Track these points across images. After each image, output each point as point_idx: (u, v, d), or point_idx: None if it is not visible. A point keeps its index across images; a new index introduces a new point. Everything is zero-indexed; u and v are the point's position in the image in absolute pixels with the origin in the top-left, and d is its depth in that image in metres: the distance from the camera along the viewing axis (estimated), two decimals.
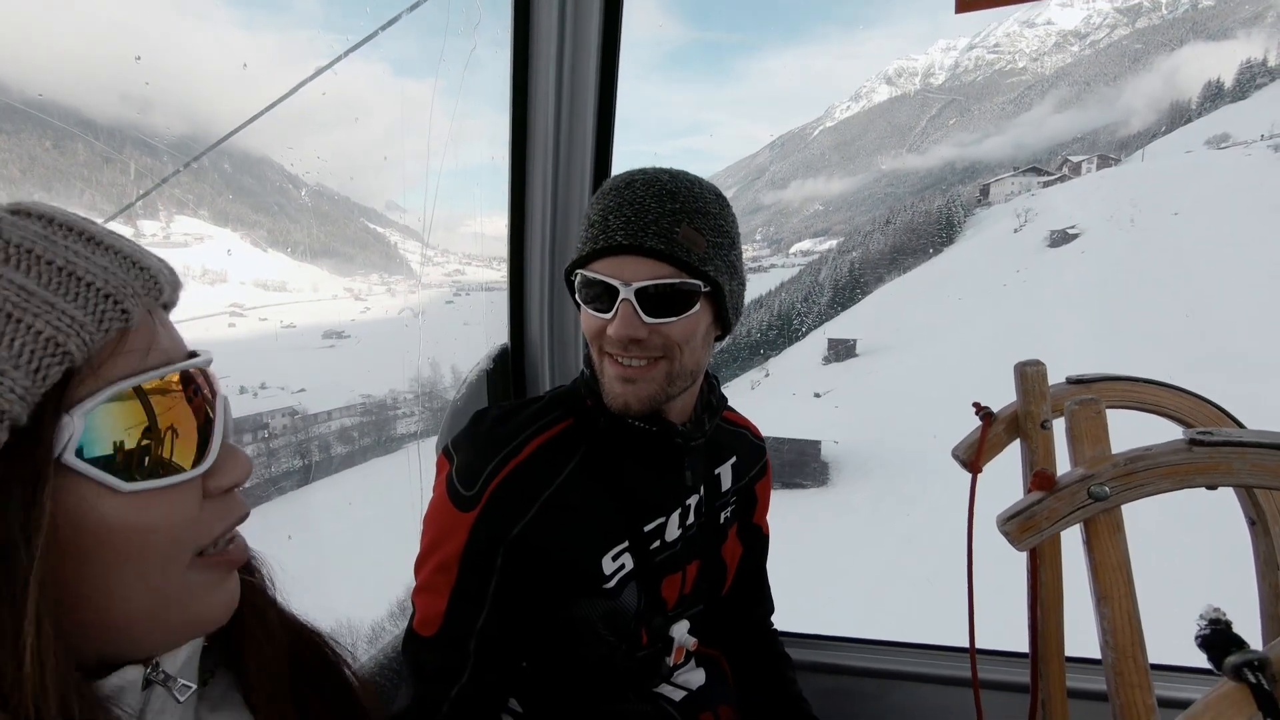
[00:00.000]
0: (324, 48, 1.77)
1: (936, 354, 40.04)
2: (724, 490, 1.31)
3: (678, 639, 1.24)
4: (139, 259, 0.50)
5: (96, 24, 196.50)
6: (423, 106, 1.64)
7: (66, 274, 0.45)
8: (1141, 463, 0.91)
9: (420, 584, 1.10)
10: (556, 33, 1.62)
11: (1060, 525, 0.94)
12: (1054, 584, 1.21)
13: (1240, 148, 78.68)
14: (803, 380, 43.46)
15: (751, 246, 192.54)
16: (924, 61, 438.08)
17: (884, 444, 29.57)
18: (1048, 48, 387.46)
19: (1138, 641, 0.93)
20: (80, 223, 0.48)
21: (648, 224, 1.00)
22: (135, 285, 0.48)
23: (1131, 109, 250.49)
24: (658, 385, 1.06)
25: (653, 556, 1.17)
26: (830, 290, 76.00)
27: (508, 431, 1.12)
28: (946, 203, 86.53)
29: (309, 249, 73.85)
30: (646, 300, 1.01)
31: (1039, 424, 1.25)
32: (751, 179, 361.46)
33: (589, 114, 1.69)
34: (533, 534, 1.05)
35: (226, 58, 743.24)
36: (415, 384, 24.23)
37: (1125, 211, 61.52)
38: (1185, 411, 1.26)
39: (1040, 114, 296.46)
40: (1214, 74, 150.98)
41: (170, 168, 1.71)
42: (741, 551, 1.39)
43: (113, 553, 0.47)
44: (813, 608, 14.29)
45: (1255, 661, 0.75)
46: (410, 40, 3.39)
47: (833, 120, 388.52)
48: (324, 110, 78.15)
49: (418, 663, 1.09)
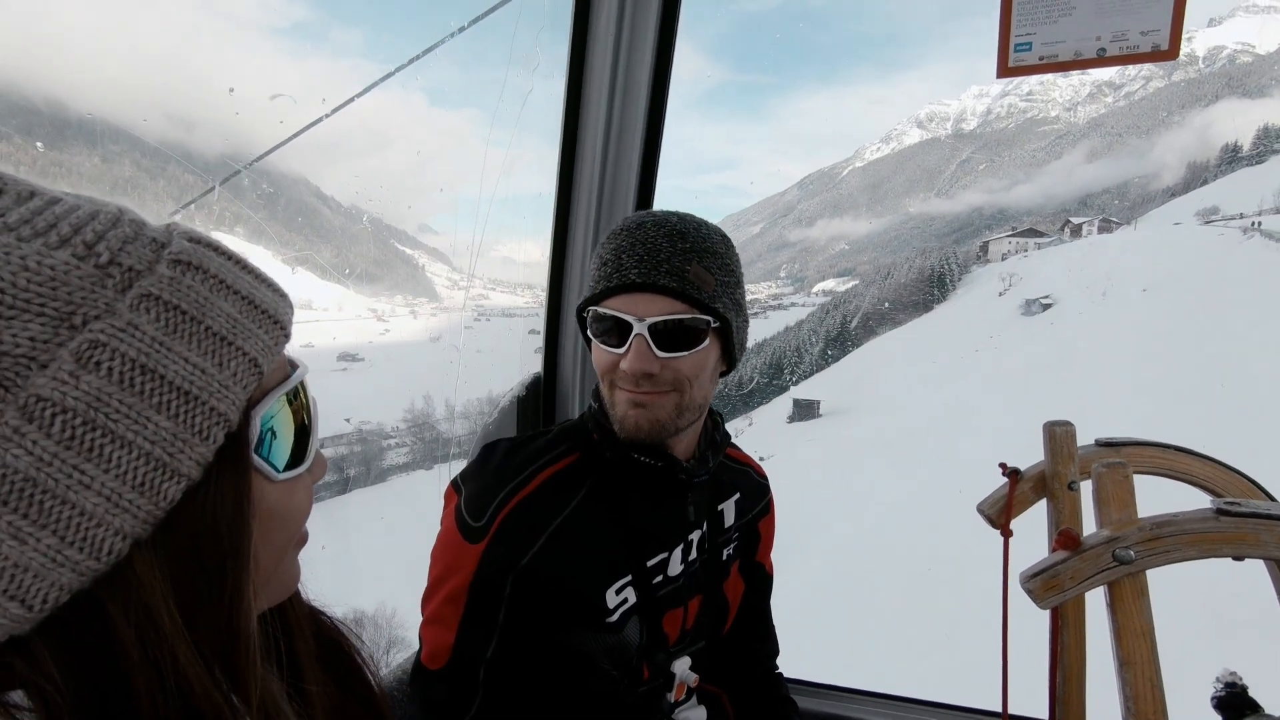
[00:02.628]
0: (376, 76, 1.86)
1: (894, 421, 39.93)
2: (726, 526, 1.32)
3: (679, 675, 1.24)
4: (277, 285, 0.57)
5: (147, 51, 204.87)
6: (477, 136, 1.71)
7: (250, 303, 0.52)
8: (1168, 528, 0.92)
9: (428, 617, 1.11)
10: (609, 75, 1.69)
11: (1084, 586, 0.95)
12: (1077, 649, 1.21)
13: (1221, 224, 78.32)
14: (769, 438, 43.35)
15: (775, 283, 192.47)
16: (956, 107, 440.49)
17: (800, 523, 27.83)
18: (1081, 97, 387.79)
19: (1160, 710, 0.93)
20: (230, 250, 0.55)
21: (660, 263, 1.04)
22: (285, 308, 0.56)
23: (1163, 163, 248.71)
24: (668, 413, 1.09)
25: (655, 591, 1.18)
26: (823, 342, 76.23)
27: (516, 464, 1.14)
28: (943, 259, 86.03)
29: (339, 268, 75.22)
30: (659, 336, 1.04)
31: (1066, 485, 1.27)
32: (779, 216, 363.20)
33: (635, 155, 1.75)
34: (541, 564, 1.06)
35: (271, 82, 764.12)
36: (410, 414, 24.08)
37: (1100, 284, 61.40)
38: (1215, 481, 1.26)
39: (1070, 163, 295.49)
40: (1233, 136, 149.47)
41: (212, 185, 1.75)
42: (744, 589, 1.40)
43: (266, 531, 0.55)
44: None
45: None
46: (471, 72, 3.50)
47: (862, 161, 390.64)
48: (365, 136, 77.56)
49: (426, 697, 1.09)
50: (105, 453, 0.43)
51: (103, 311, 0.44)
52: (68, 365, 0.42)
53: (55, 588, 0.43)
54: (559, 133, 1.76)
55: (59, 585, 0.43)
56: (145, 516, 0.45)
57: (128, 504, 0.44)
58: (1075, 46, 1.36)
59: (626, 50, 1.69)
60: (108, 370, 0.43)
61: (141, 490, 0.44)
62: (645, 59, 1.69)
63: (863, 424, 40.64)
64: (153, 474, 0.45)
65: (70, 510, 0.42)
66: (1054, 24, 1.36)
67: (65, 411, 0.42)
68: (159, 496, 0.45)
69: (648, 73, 1.69)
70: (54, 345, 0.42)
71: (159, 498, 0.45)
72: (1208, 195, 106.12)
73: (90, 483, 0.43)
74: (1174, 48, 1.30)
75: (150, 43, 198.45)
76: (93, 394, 0.43)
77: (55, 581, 0.42)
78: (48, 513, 0.42)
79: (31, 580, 0.42)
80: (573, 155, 1.77)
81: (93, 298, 0.44)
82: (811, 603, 18.13)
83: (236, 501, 0.50)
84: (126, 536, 0.44)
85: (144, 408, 0.44)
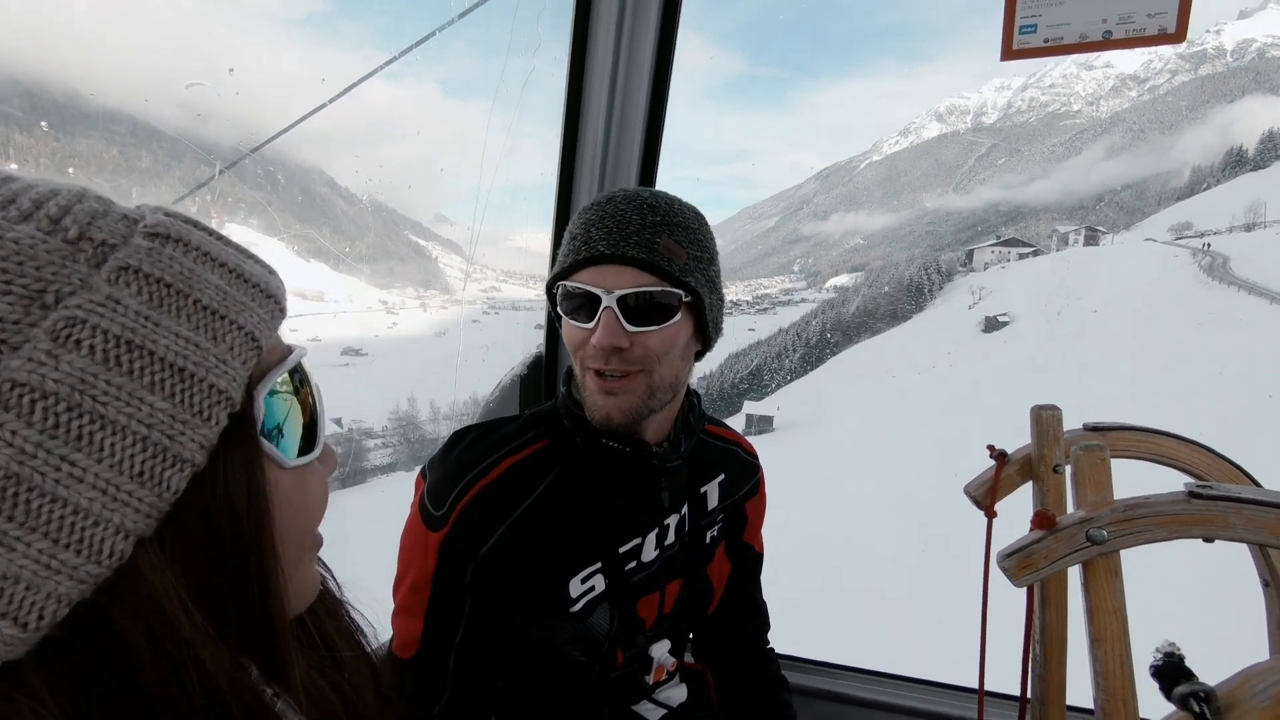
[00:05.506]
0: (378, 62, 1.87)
1: (842, 434, 40.16)
2: (710, 509, 1.31)
3: (657, 658, 1.23)
4: (263, 260, 0.54)
5: (163, 41, 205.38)
6: (479, 122, 1.73)
7: (238, 275, 0.48)
8: (1140, 510, 0.94)
9: (397, 606, 1.11)
10: (612, 56, 1.70)
11: (1058, 565, 0.97)
12: (1058, 628, 1.22)
13: (1183, 243, 77.43)
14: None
15: (788, 278, 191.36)
16: (976, 100, 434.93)
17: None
18: (1104, 91, 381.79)
19: (1129, 687, 0.95)
20: (209, 226, 0.51)
21: (629, 234, 1.02)
22: (276, 283, 0.52)
23: (1184, 160, 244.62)
24: (638, 397, 1.07)
25: (628, 578, 1.17)
26: (801, 349, 76.20)
27: (480, 451, 1.12)
28: (922, 268, 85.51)
29: (349, 259, 75.30)
30: (628, 309, 1.02)
31: (1051, 468, 1.28)
32: (794, 209, 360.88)
33: (637, 136, 1.77)
34: (498, 554, 1.05)
35: (282, 69, 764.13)
36: (395, 416, 23.80)
37: (1057, 302, 61.08)
38: (1200, 466, 1.27)
39: (1090, 159, 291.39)
40: (1237, 141, 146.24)
41: (224, 174, 1.76)
42: (730, 570, 1.38)
43: (282, 525, 0.50)
44: None
45: (1201, 693, 0.79)
46: (474, 59, 3.52)
47: (880, 155, 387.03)
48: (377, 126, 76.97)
49: (399, 686, 1.11)
50: (96, 440, 0.39)
51: (78, 287, 0.40)
52: (44, 345, 0.38)
53: (52, 600, 0.38)
54: (560, 116, 1.78)
55: (56, 596, 0.38)
56: (148, 510, 0.41)
57: (127, 497, 0.40)
58: (1080, 29, 1.34)
59: (629, 30, 1.70)
60: (90, 348, 0.39)
61: (141, 480, 0.40)
62: (648, 38, 1.70)
63: (814, 437, 41.19)
64: (152, 461, 0.40)
65: (61, 508, 0.38)
66: (1059, 5, 1.34)
67: (46, 396, 0.37)
68: (161, 486, 0.41)
69: (650, 53, 1.70)
70: (25, 325, 0.38)
71: (162, 488, 0.41)
72: (1188, 208, 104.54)
73: (82, 475, 0.38)
74: (1181, 30, 1.28)
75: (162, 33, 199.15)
76: (76, 375, 0.38)
77: (51, 592, 0.38)
78: (35, 512, 0.37)
79: (24, 593, 0.37)
80: (575, 137, 1.79)
81: (64, 273, 0.40)
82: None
83: (250, 485, 0.46)
84: (129, 534, 0.40)
85: (135, 387, 0.40)
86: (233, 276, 0.48)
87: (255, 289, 0.49)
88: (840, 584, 20.08)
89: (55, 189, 0.43)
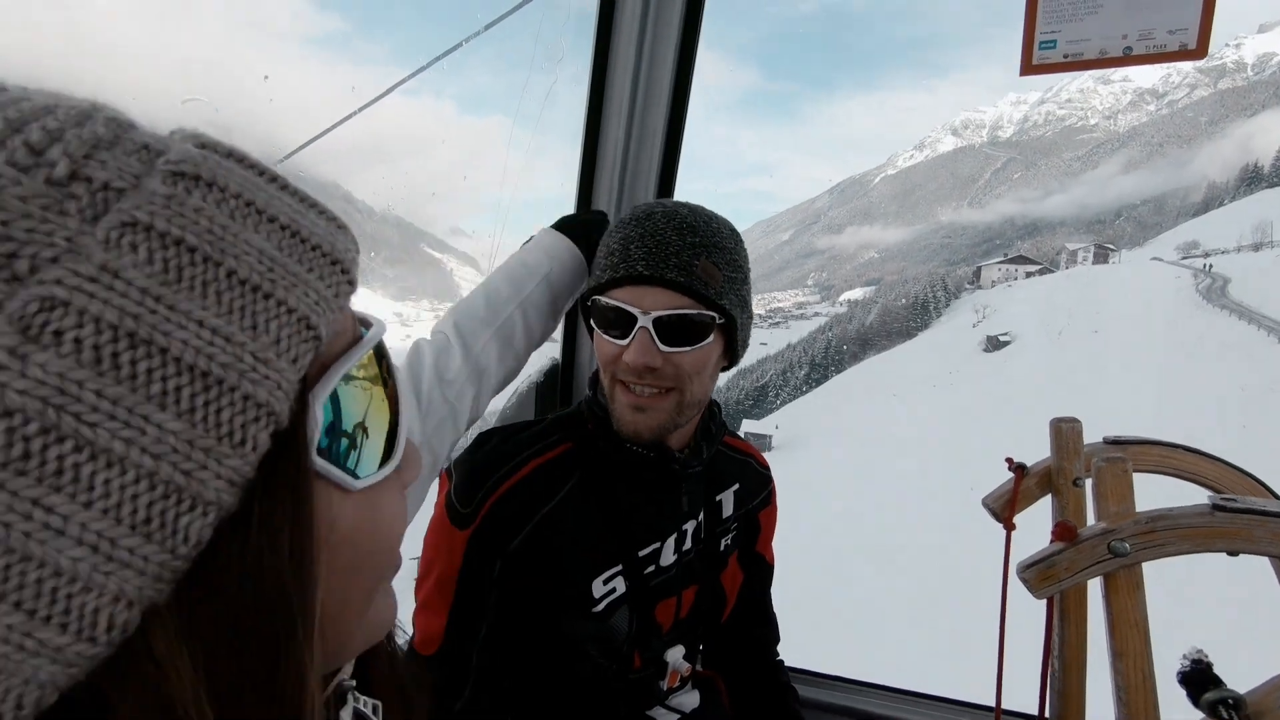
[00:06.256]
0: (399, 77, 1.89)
1: (838, 456, 40.20)
2: (725, 517, 1.32)
3: (672, 663, 1.24)
4: (330, 211, 0.40)
5: (185, 55, 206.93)
6: (499, 136, 1.76)
7: (293, 235, 0.36)
8: (1162, 522, 0.93)
9: (420, 603, 1.12)
10: (632, 72, 1.72)
11: (1080, 577, 0.97)
12: (1077, 644, 1.21)
13: (1190, 261, 76.44)
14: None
15: (802, 291, 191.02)
16: (992, 114, 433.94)
17: None
18: (1122, 105, 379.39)
19: (1151, 701, 0.94)
20: (259, 162, 0.38)
21: (668, 256, 1.03)
22: (346, 242, 0.39)
23: (1203, 175, 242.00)
24: (668, 414, 1.08)
25: (647, 581, 1.18)
26: (807, 367, 76.18)
27: (506, 451, 1.14)
28: (929, 285, 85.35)
29: (365, 273, 76.21)
30: (663, 329, 1.03)
31: (1071, 481, 1.27)
32: (809, 223, 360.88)
33: (656, 151, 1.79)
34: (527, 550, 1.07)
35: (308, 84, 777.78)
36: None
37: (1059, 322, 60.60)
38: (1223, 481, 1.26)
39: (1107, 173, 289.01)
40: (1254, 156, 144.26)
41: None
42: (743, 579, 1.40)
43: (345, 562, 0.39)
44: None
45: (1230, 700, 0.78)
46: (494, 75, 3.57)
47: (895, 168, 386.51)
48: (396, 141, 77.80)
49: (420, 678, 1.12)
50: (82, 476, 0.28)
51: (62, 252, 0.28)
52: (7, 341, 0.26)
53: (33, 687, 0.28)
54: (581, 128, 1.80)
55: (37, 683, 0.28)
56: (157, 571, 0.30)
57: (127, 554, 0.29)
58: (1100, 45, 1.34)
59: (650, 46, 1.72)
60: (74, 343, 0.28)
61: (148, 532, 0.29)
62: (669, 55, 1.72)
63: (811, 455, 41.21)
64: (161, 505, 0.30)
65: (38, 570, 0.27)
66: (1079, 21, 1.34)
67: (9, 414, 0.26)
68: (176, 538, 0.30)
69: (670, 69, 1.72)
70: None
71: (176, 540, 0.30)
72: (1199, 226, 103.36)
73: (63, 526, 0.27)
74: (1202, 47, 1.27)
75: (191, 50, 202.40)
76: (52, 383, 0.27)
77: (28, 677, 0.28)
78: (1, 577, 0.27)
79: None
80: (594, 151, 1.81)
81: (44, 230, 0.28)
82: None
83: (296, 533, 0.34)
84: (133, 603, 0.30)
85: (137, 401, 0.29)
86: (285, 235, 0.35)
87: (316, 253, 0.37)
88: (844, 598, 19.97)
89: (53, 104, 0.31)
